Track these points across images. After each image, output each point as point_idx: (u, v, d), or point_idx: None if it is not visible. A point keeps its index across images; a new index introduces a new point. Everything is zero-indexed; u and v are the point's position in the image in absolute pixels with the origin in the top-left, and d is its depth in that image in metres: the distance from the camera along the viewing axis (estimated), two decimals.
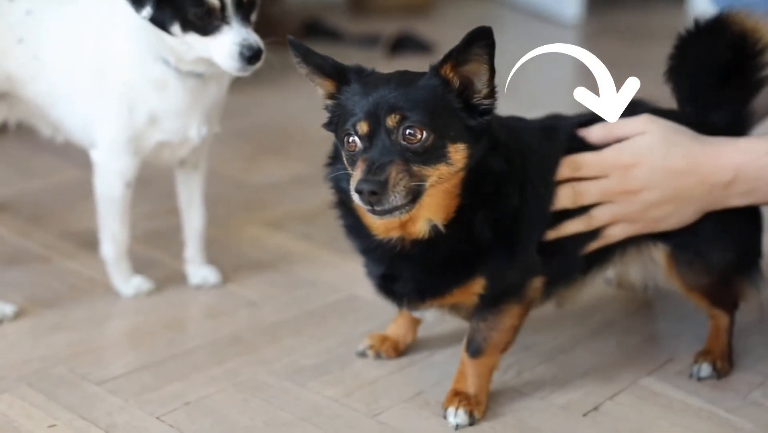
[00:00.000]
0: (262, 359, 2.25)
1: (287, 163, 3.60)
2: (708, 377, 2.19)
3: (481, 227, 1.90)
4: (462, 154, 1.82)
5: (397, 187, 1.75)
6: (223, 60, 2.25)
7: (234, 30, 2.23)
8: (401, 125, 1.77)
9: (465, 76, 1.82)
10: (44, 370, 2.17)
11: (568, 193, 2.06)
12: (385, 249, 1.93)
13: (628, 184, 2.06)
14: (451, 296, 1.98)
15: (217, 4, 2.22)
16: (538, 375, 2.21)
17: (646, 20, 6.32)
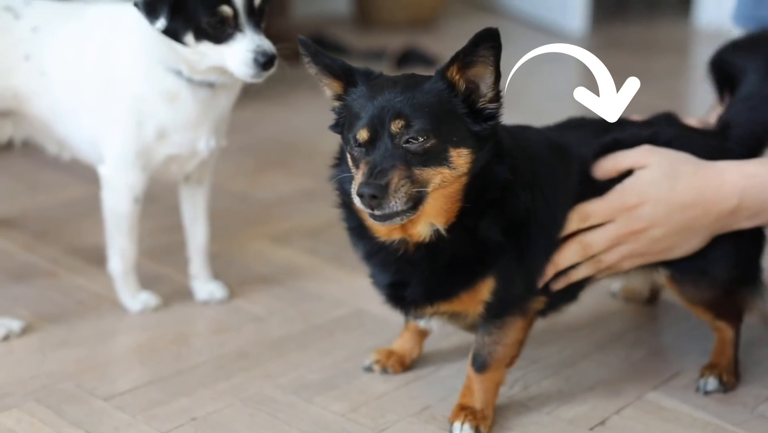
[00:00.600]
0: (269, 374, 2.25)
1: (293, 177, 3.60)
2: (715, 390, 2.19)
3: (488, 230, 1.89)
4: (465, 159, 1.82)
5: (399, 193, 1.75)
6: (238, 67, 2.26)
7: (247, 37, 2.25)
8: (405, 131, 1.78)
9: (471, 79, 1.82)
10: (51, 386, 2.18)
11: (576, 249, 2.05)
12: (388, 252, 1.93)
13: (634, 225, 2.05)
14: (458, 300, 1.97)
15: (230, 12, 2.24)
16: (545, 389, 2.21)
17: (652, 33, 6.33)
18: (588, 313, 2.54)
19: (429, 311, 2.01)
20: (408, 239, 1.89)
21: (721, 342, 2.25)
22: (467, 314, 2.01)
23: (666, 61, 5.27)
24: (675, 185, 2.05)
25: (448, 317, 2.04)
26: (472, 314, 2.00)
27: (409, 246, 1.90)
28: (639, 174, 2.05)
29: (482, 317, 2.00)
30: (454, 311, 2.01)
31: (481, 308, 1.98)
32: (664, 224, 2.06)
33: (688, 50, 6.03)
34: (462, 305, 1.98)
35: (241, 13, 2.25)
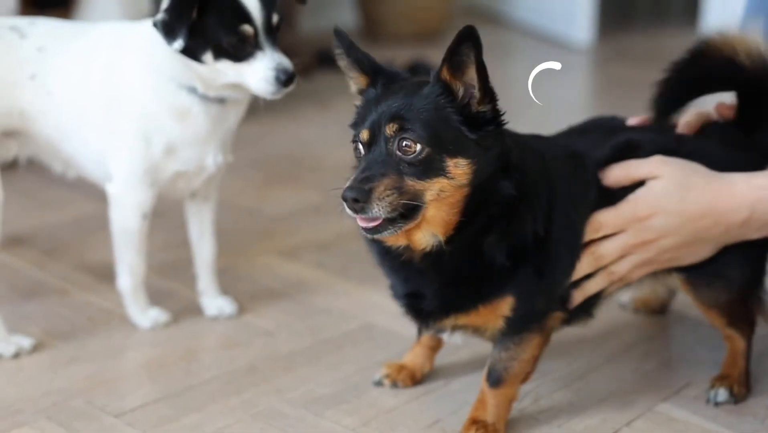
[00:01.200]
0: (279, 389, 2.25)
1: (301, 192, 3.61)
2: (725, 401, 2.18)
3: (493, 249, 1.88)
4: (464, 170, 1.79)
5: (383, 202, 1.74)
6: (258, 84, 2.28)
7: (267, 55, 2.27)
8: (398, 135, 1.77)
9: (466, 83, 1.79)
10: (62, 402, 2.18)
11: (589, 261, 2.05)
12: (396, 258, 1.92)
13: (645, 235, 2.05)
14: (476, 314, 1.96)
15: (251, 31, 2.25)
16: (555, 402, 2.21)
17: (658, 44, 6.33)
18: (598, 325, 2.53)
19: (448, 324, 1.99)
20: (412, 246, 1.88)
21: (732, 353, 2.24)
22: (487, 328, 2.00)
23: None
24: (686, 196, 2.05)
25: (467, 330, 2.02)
26: (491, 328, 1.99)
27: (415, 254, 1.90)
28: (651, 185, 2.05)
29: (502, 333, 1.99)
30: (474, 325, 2.00)
31: (502, 322, 1.97)
32: (675, 234, 2.06)
33: None
34: (481, 319, 1.97)
35: (260, 31, 2.26)
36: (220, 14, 2.24)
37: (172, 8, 2.22)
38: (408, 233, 1.85)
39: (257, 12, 2.26)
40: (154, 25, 2.23)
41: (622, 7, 7.40)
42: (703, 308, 2.21)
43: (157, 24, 2.23)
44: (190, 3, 2.22)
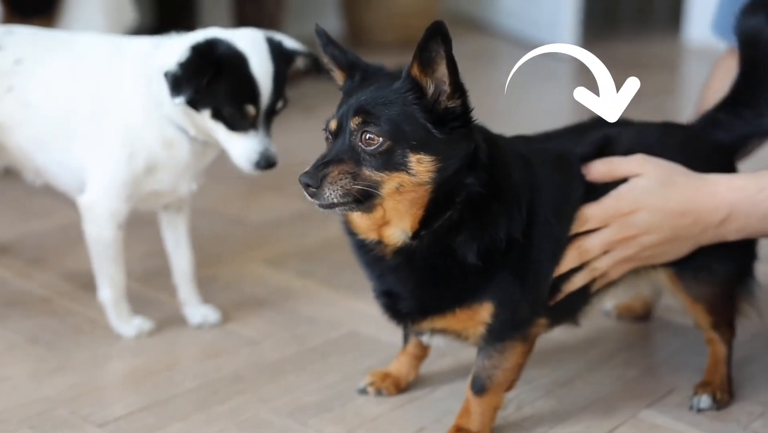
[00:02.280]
0: (264, 398, 2.26)
1: (286, 200, 3.61)
2: (708, 408, 2.20)
3: (464, 251, 1.88)
4: (426, 167, 1.79)
5: (334, 186, 1.77)
6: (239, 160, 2.33)
7: (259, 137, 2.31)
8: (360, 128, 1.79)
9: (437, 79, 1.79)
10: (46, 412, 2.18)
11: (574, 255, 2.06)
12: (369, 252, 1.93)
13: (628, 231, 2.07)
14: (454, 318, 1.96)
15: (254, 111, 2.29)
16: (538, 410, 2.22)
17: (641, 51, 6.36)
18: (581, 332, 2.54)
19: (426, 326, 2.00)
20: (382, 241, 1.89)
21: (714, 359, 2.26)
22: (468, 334, 2.00)
23: (656, 79, 5.30)
24: (668, 194, 2.07)
25: (448, 334, 2.02)
26: (472, 334, 1.99)
27: (386, 250, 1.90)
28: (634, 181, 2.07)
29: (484, 340, 1.99)
30: (453, 329, 2.00)
31: (483, 329, 1.97)
32: (656, 231, 2.08)
33: (677, 68, 6.07)
34: (460, 324, 1.97)
35: (262, 113, 2.29)
36: (231, 85, 2.27)
37: (186, 66, 2.23)
38: (378, 228, 1.87)
39: (266, 95, 2.29)
40: (165, 75, 2.24)
41: (606, 15, 7.44)
42: (689, 303, 2.22)
43: (168, 75, 2.23)
44: (205, 69, 2.23)
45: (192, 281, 2.63)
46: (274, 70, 2.29)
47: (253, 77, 2.26)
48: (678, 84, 5.52)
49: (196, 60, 2.24)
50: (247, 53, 2.27)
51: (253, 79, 2.26)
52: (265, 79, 2.28)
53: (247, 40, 2.30)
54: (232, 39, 2.29)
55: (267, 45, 2.32)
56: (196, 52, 2.25)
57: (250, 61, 2.27)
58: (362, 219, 1.88)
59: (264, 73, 2.28)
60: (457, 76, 1.79)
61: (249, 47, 2.28)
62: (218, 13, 5.81)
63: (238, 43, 2.28)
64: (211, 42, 2.28)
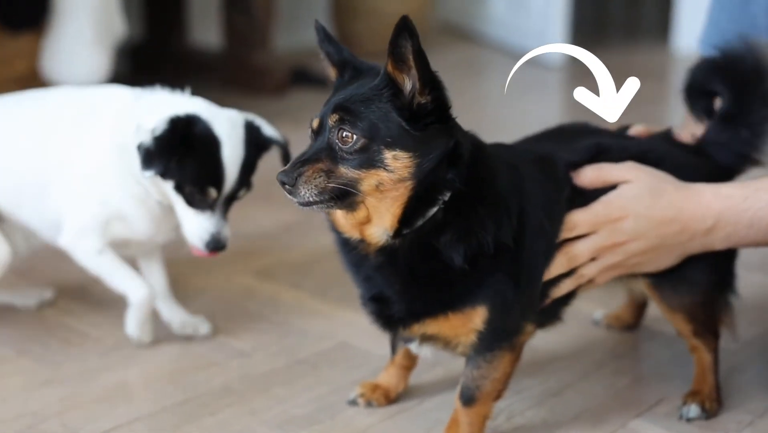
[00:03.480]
0: (254, 410, 2.26)
1: (275, 211, 3.61)
2: (697, 417, 2.20)
3: (450, 253, 1.88)
4: (403, 163, 1.79)
5: (309, 185, 1.79)
6: (191, 236, 2.34)
7: (214, 219, 2.33)
8: (337, 126, 1.81)
9: (413, 76, 1.79)
10: (36, 425, 2.18)
11: (562, 261, 2.07)
12: (353, 251, 1.94)
13: (616, 237, 2.08)
14: (446, 322, 1.95)
15: (215, 195, 2.30)
16: (529, 420, 2.22)
17: (630, 60, 6.38)
18: (571, 342, 2.56)
19: (416, 331, 1.98)
20: (366, 240, 1.89)
21: (700, 368, 2.27)
22: (458, 342, 1.99)
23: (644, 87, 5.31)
24: (656, 202, 2.09)
25: (438, 342, 2.01)
26: (463, 342, 1.99)
27: (369, 249, 1.91)
28: (623, 188, 2.08)
29: (473, 349, 1.99)
30: (444, 336, 1.99)
31: (474, 337, 1.97)
32: (644, 238, 2.09)
33: (666, 76, 6.08)
34: (452, 330, 1.97)
35: (222, 198, 2.31)
36: (199, 166, 2.29)
37: (160, 141, 2.24)
38: (361, 227, 1.87)
39: (231, 181, 2.31)
40: (137, 148, 2.25)
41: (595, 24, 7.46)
42: (668, 312, 2.23)
43: (141, 148, 2.25)
44: (178, 147, 2.25)
45: (170, 297, 2.63)
46: (244, 158, 2.32)
47: (221, 163, 2.28)
48: (666, 93, 5.54)
49: (170, 136, 2.25)
50: (221, 138, 2.29)
51: (221, 164, 2.28)
52: (233, 166, 2.30)
53: (225, 123, 2.32)
54: (211, 120, 2.30)
55: (244, 131, 2.35)
56: (172, 128, 2.25)
57: (223, 146, 2.29)
58: (345, 217, 1.89)
59: (233, 161, 2.30)
60: (426, 71, 1.78)
61: (225, 132, 2.30)
62: (208, 25, 5.81)
63: (216, 125, 2.30)
64: (190, 119, 2.29)
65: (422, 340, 2.02)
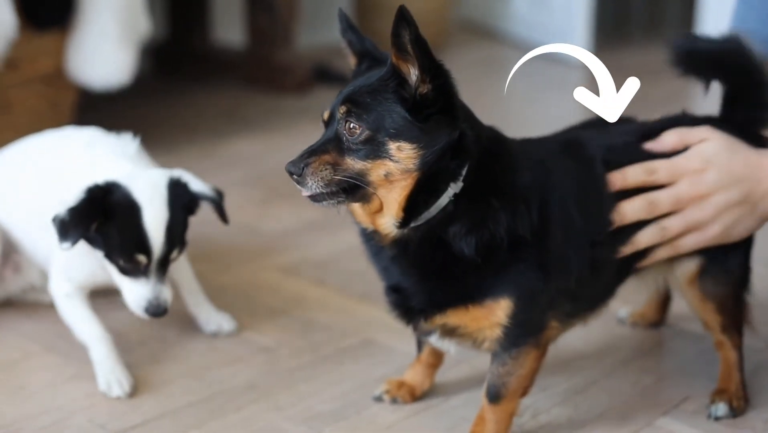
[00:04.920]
0: (279, 406, 2.26)
1: (299, 209, 3.61)
2: (725, 416, 2.19)
3: (460, 244, 1.87)
4: (408, 154, 1.80)
5: (315, 177, 1.80)
6: (129, 303, 2.31)
7: (150, 285, 2.27)
8: (344, 117, 1.82)
9: (410, 63, 1.79)
10: (62, 420, 2.19)
11: (642, 205, 2.07)
12: (371, 241, 1.96)
13: (699, 188, 2.10)
14: (467, 314, 1.94)
15: (145, 260, 2.26)
16: (554, 417, 2.22)
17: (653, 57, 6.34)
18: (596, 339, 2.55)
19: (436, 323, 1.98)
20: (378, 230, 1.90)
21: (726, 365, 2.26)
22: (483, 336, 1.98)
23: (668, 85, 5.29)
24: (734, 157, 2.12)
25: (461, 337, 2.01)
26: (489, 337, 1.98)
27: (385, 240, 1.91)
28: (702, 145, 2.12)
29: (499, 345, 1.98)
30: (466, 330, 1.98)
31: (499, 332, 1.96)
32: (726, 191, 2.11)
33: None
34: (474, 322, 1.96)
35: (154, 263, 2.26)
36: (122, 235, 2.24)
37: (73, 213, 2.20)
38: (372, 217, 1.88)
39: (158, 246, 2.25)
40: (53, 220, 2.22)
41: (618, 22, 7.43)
42: (701, 302, 2.22)
43: (56, 220, 2.21)
44: (91, 216, 2.21)
45: (198, 291, 2.64)
46: (168, 220, 2.26)
47: (144, 229, 2.23)
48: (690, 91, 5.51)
49: (85, 206, 2.21)
50: (141, 203, 2.24)
51: (144, 231, 2.23)
52: (158, 231, 2.24)
53: (146, 187, 2.27)
54: (131, 185, 2.26)
55: (168, 192, 2.29)
56: (88, 198, 2.22)
57: (144, 211, 2.24)
58: (361, 208, 1.90)
59: (156, 225, 2.24)
60: (426, 59, 1.77)
61: (146, 196, 2.25)
62: (231, 23, 5.83)
63: (136, 190, 2.25)
64: (108, 188, 2.24)
65: (443, 333, 2.02)
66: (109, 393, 2.30)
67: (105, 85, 3.77)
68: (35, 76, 3.76)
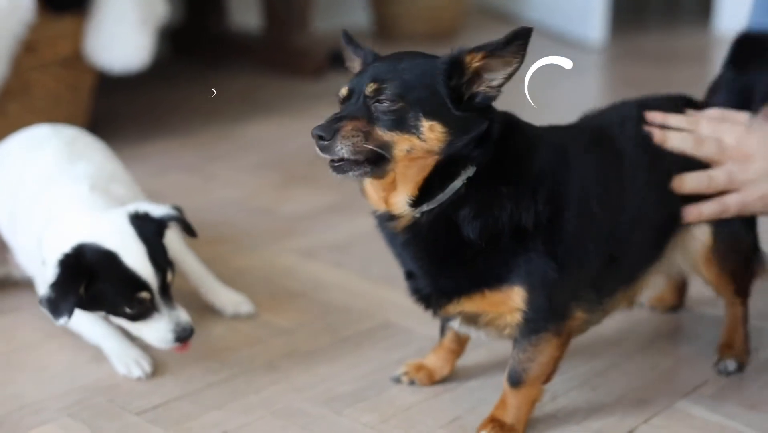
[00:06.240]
0: (298, 387, 2.27)
1: (317, 191, 3.63)
2: (734, 371, 2.29)
3: (467, 228, 1.88)
4: (437, 135, 1.81)
5: (346, 141, 1.78)
6: (157, 344, 2.27)
7: (164, 316, 2.24)
8: (376, 94, 1.81)
9: (488, 71, 1.83)
10: (85, 400, 2.21)
11: (701, 177, 2.14)
12: (386, 227, 1.95)
13: (743, 145, 2.16)
14: (483, 300, 1.95)
15: (148, 296, 2.22)
16: (573, 400, 2.22)
17: (671, 43, 6.33)
18: (615, 323, 2.55)
19: (453, 310, 1.98)
20: (390, 212, 1.90)
21: (733, 320, 2.34)
22: (504, 322, 1.98)
23: (686, 71, 5.27)
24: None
25: (482, 323, 2.01)
26: (510, 323, 1.98)
27: (397, 224, 1.92)
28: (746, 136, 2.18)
29: (519, 331, 1.98)
30: (486, 315, 1.98)
31: (519, 317, 1.96)
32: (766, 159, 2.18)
33: (708, 59, 6.02)
34: (491, 308, 1.96)
35: (156, 294, 2.23)
36: (114, 285, 2.20)
37: (57, 285, 2.16)
38: (385, 195, 1.89)
39: (151, 276, 2.21)
40: (40, 303, 2.18)
41: (635, 7, 7.40)
42: (717, 272, 2.24)
43: (43, 302, 2.16)
44: (76, 280, 2.16)
45: (209, 275, 2.64)
46: (148, 250, 2.22)
47: (130, 269, 2.19)
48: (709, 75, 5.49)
49: (66, 275, 2.17)
50: (116, 248, 2.20)
51: (131, 270, 2.19)
52: (143, 263, 2.21)
53: (112, 232, 2.23)
54: (96, 239, 2.21)
55: (133, 227, 2.25)
56: (64, 269, 2.17)
57: (121, 254, 2.20)
58: (373, 188, 1.91)
59: (139, 259, 2.21)
60: (508, 80, 1.84)
61: (116, 240, 2.21)
62: (247, 7, 5.83)
63: (104, 240, 2.21)
64: (77, 252, 2.19)
65: (464, 320, 2.02)
66: (131, 375, 2.31)
67: (123, 68, 3.79)
68: (54, 59, 3.77)
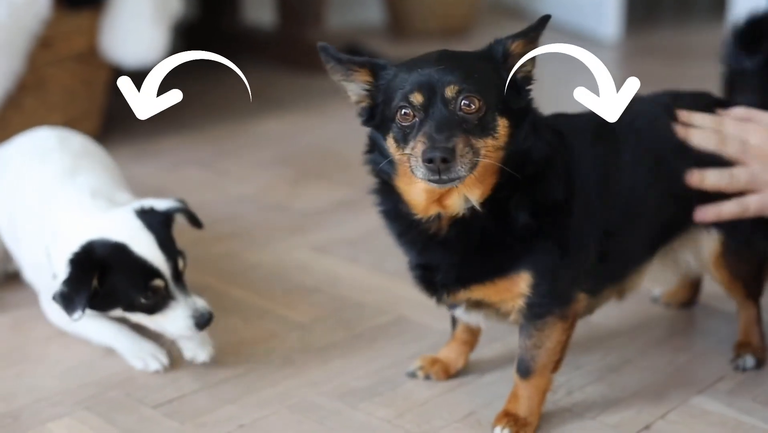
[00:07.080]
0: (313, 381, 2.28)
1: (330, 187, 3.63)
2: (752, 367, 2.30)
3: (517, 209, 1.89)
4: (506, 132, 1.83)
5: (464, 159, 1.75)
6: (178, 332, 2.26)
7: (181, 303, 2.23)
8: (459, 96, 1.79)
9: (520, 55, 1.85)
10: (101, 394, 2.22)
11: (723, 175, 2.12)
12: (420, 231, 1.93)
13: (766, 146, 2.13)
14: (493, 288, 1.96)
15: (162, 283, 2.22)
16: (589, 395, 2.22)
17: (685, 39, 6.31)
18: (630, 318, 2.55)
19: (462, 297, 1.99)
20: (443, 214, 1.89)
21: (747, 319, 2.36)
22: (507, 308, 1.99)
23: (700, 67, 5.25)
24: None
25: (486, 308, 2.02)
26: (512, 308, 1.99)
27: (443, 223, 1.91)
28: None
29: (523, 316, 1.99)
30: (491, 302, 1.99)
31: (521, 302, 1.96)
32: None
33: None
34: (497, 294, 1.97)
35: (170, 282, 2.23)
36: (127, 275, 2.20)
37: (70, 280, 2.16)
38: (441, 198, 1.87)
39: (163, 265, 2.21)
40: (53, 299, 2.18)
41: (649, 3, 7.37)
42: (729, 279, 2.26)
43: (57, 298, 2.16)
44: (89, 273, 2.17)
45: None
46: (157, 239, 2.23)
47: (141, 258, 2.20)
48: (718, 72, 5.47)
49: (78, 270, 2.17)
50: (125, 240, 2.21)
51: (143, 258, 2.20)
52: (154, 251, 2.21)
53: (119, 226, 2.25)
54: (104, 234, 2.22)
55: (140, 220, 2.26)
56: (75, 265, 2.18)
57: (131, 244, 2.21)
58: (423, 195, 1.88)
59: (150, 247, 2.21)
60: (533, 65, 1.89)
61: (125, 233, 2.23)
62: (261, 3, 5.83)
63: (112, 234, 2.22)
64: (87, 248, 2.20)
65: (469, 306, 2.03)
66: (148, 369, 2.32)
67: (137, 63, 3.79)
68: (69, 54, 3.78)
